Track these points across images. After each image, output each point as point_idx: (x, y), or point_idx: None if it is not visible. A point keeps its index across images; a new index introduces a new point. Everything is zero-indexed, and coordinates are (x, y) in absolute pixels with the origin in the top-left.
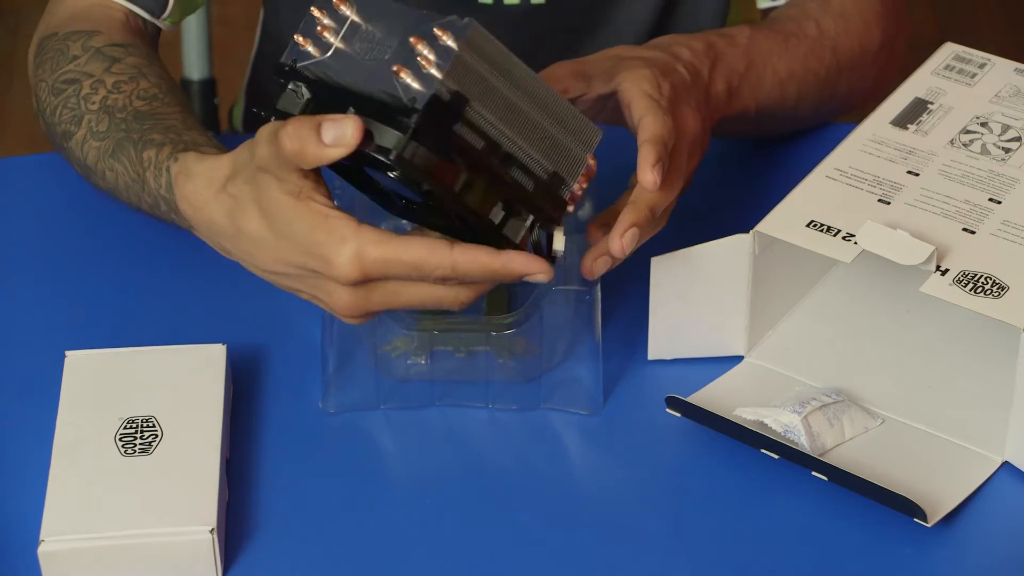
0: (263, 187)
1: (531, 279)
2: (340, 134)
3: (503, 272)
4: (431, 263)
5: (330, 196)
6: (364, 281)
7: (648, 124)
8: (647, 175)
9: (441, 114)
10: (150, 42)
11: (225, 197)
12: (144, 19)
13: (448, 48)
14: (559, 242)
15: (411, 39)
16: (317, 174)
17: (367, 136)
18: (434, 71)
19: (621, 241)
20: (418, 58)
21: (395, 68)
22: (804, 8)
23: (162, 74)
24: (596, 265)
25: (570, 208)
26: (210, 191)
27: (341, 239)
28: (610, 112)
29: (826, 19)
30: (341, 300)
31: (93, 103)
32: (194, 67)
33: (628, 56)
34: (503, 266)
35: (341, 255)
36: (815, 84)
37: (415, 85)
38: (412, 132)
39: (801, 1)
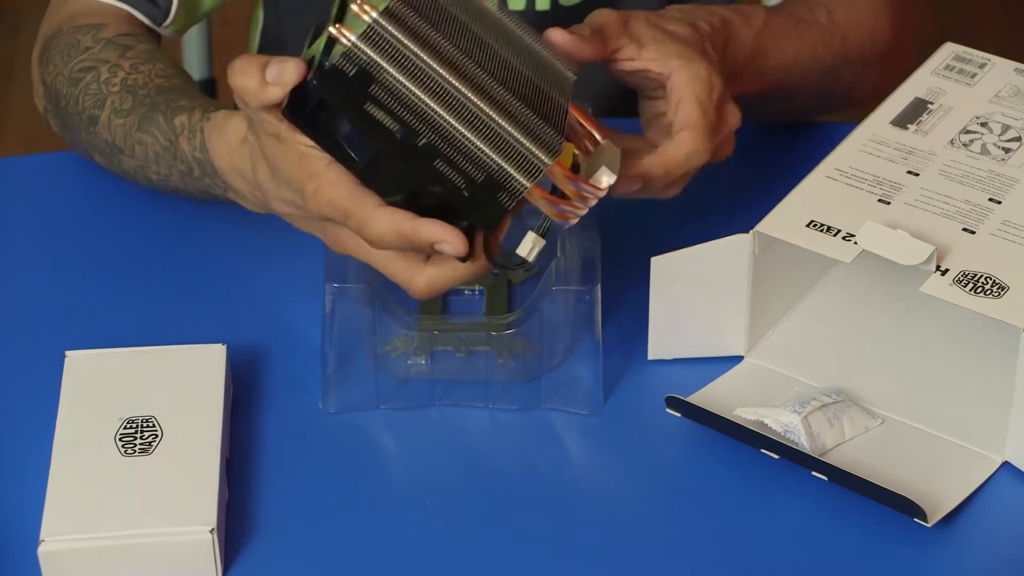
0: (256, 133)
1: (440, 248)
2: (280, 73)
3: (412, 236)
4: (356, 216)
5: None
6: (328, 219)
7: (684, 141)
8: (623, 183)
9: (347, 83)
10: (154, 39)
11: (246, 146)
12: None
13: (371, 17)
14: (524, 248)
15: (352, 5)
16: None
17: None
18: (350, 34)
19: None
20: (335, 25)
21: (331, 30)
22: None
23: (172, 62)
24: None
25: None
26: (237, 142)
27: (310, 175)
28: (640, 79)
29: (837, 8)
30: (325, 234)
31: (114, 85)
32: (194, 67)
33: (672, 32)
34: (412, 230)
35: (306, 189)
36: (818, 72)
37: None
38: (312, 92)
39: None
